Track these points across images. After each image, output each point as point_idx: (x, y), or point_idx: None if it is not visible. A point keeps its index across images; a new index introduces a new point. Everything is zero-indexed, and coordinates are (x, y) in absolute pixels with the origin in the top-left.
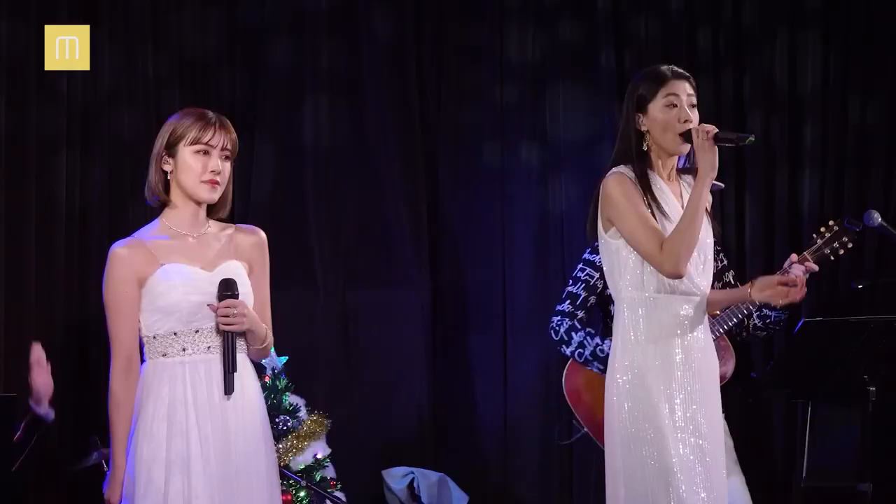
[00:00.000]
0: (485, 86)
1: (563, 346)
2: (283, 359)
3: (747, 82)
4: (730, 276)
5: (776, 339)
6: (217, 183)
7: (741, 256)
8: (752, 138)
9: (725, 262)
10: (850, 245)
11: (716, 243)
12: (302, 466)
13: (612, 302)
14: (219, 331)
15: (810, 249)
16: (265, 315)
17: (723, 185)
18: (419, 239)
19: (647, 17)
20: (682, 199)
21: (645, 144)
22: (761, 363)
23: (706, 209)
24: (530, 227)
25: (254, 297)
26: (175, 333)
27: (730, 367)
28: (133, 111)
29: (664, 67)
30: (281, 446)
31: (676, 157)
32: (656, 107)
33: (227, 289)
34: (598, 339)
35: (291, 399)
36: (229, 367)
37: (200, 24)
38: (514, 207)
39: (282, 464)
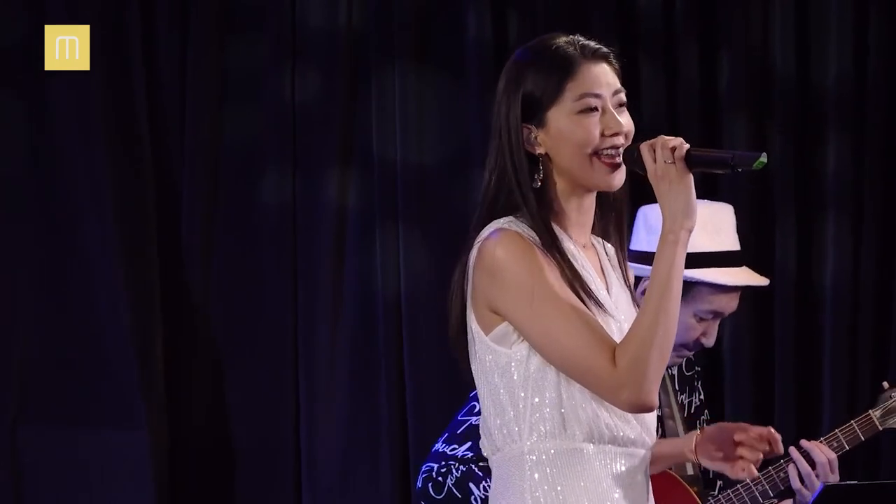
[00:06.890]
0: (266, 73)
1: None
2: None
3: (724, 67)
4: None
5: None
6: None
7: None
8: (762, 159)
9: (702, 395)
10: None
11: (693, 362)
12: None
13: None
14: None
15: (847, 427)
16: None
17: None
18: (149, 341)
19: None
20: (604, 275)
21: (539, 178)
22: None
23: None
24: (345, 313)
25: None
26: None
27: None
28: None
29: (564, 41)
30: None
31: (594, 200)
32: (562, 113)
33: None
34: None
35: None
36: None
37: None
38: (317, 280)
39: None
